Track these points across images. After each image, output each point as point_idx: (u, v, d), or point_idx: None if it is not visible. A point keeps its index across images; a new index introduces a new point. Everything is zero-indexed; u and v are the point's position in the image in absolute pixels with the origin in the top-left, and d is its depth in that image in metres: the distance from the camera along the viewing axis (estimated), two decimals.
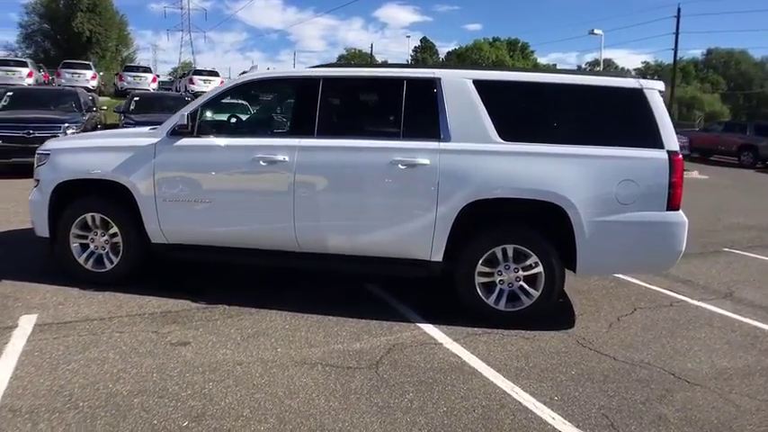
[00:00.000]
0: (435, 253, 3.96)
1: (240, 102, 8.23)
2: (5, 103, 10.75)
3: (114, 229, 4.34)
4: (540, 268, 3.90)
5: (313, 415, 2.76)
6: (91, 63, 27.41)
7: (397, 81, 4.06)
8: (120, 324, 3.73)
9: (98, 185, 4.30)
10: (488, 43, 67.64)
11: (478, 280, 3.96)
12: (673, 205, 3.81)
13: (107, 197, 4.31)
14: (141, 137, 4.32)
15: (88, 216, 4.34)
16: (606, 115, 3.99)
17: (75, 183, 4.32)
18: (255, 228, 4.17)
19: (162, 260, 4.48)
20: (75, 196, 4.35)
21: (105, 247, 4.39)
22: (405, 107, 4.01)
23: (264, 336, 3.67)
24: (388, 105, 4.07)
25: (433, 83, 3.98)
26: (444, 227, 3.89)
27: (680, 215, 3.83)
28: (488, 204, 3.88)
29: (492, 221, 3.96)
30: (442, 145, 3.90)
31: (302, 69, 4.52)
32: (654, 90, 3.86)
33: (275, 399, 2.90)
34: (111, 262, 4.40)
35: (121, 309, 4.00)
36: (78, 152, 4.44)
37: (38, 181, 4.46)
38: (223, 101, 4.49)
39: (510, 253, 3.92)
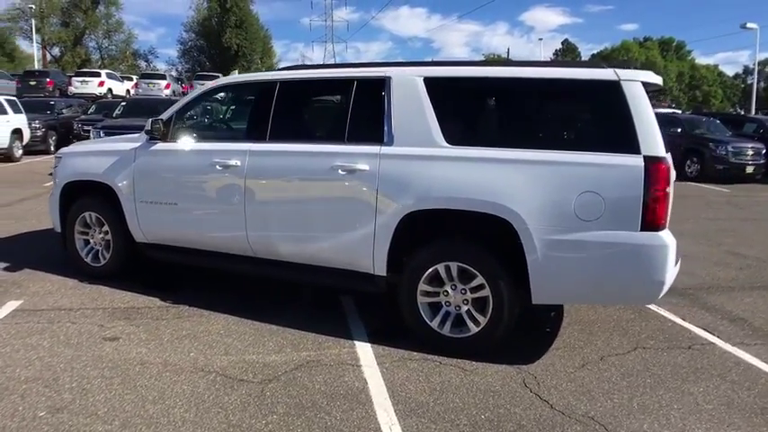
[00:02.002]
0: (378, 266, 3.65)
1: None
2: (119, 112, 12.39)
3: (106, 228, 4.69)
4: (487, 291, 3.39)
5: (158, 423, 2.69)
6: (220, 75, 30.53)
7: (348, 82, 3.83)
8: (79, 316, 4.00)
9: (93, 187, 4.68)
10: (638, 44, 62.11)
11: (421, 299, 3.56)
12: (650, 224, 3.06)
13: (100, 198, 4.67)
14: (128, 142, 4.62)
15: (86, 215, 4.75)
16: (572, 113, 3.36)
17: (77, 184, 4.76)
18: (215, 231, 4.22)
19: (149, 259, 4.74)
20: (78, 196, 4.80)
21: (101, 243, 4.77)
22: (352, 109, 3.78)
23: (192, 339, 3.67)
24: (337, 107, 3.88)
25: (383, 82, 3.68)
26: (384, 238, 3.57)
27: (659, 236, 3.07)
28: (430, 215, 3.47)
29: (436, 235, 3.54)
30: (384, 149, 3.59)
31: (264, 73, 4.48)
32: (635, 82, 3.14)
33: (139, 402, 2.87)
34: (104, 258, 4.76)
35: (94, 302, 4.30)
36: (80, 156, 4.89)
37: (54, 182, 5.01)
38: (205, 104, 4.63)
39: (454, 272, 3.46)
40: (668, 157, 3.15)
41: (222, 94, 4.47)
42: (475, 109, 3.65)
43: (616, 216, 3.09)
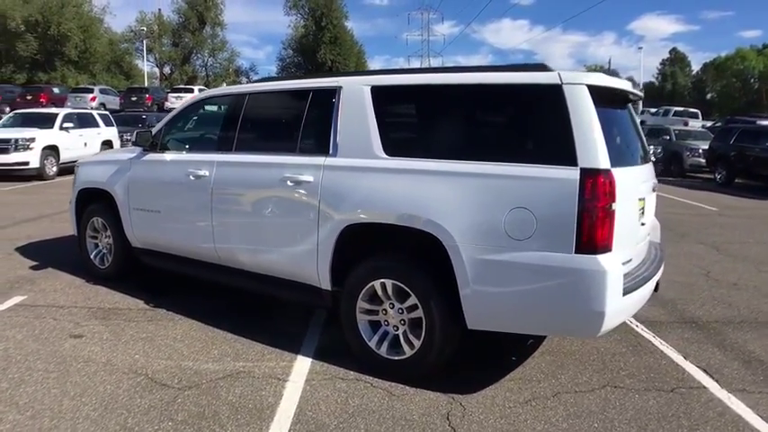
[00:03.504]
0: (323, 280, 3.56)
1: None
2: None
3: (109, 232, 5.03)
4: (420, 312, 3.17)
5: (63, 418, 2.81)
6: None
7: (305, 92, 3.81)
8: (64, 313, 4.30)
9: (99, 194, 5.04)
10: (756, 51, 55.97)
11: (361, 317, 3.41)
12: (586, 245, 2.70)
13: (105, 204, 5.01)
14: (128, 152, 4.92)
15: (95, 220, 5.13)
16: (510, 121, 3.07)
17: (88, 191, 5.16)
18: (189, 239, 4.35)
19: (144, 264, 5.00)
20: (89, 203, 5.19)
21: (107, 247, 5.12)
22: (305, 120, 3.75)
23: (147, 341, 3.80)
24: (294, 118, 3.83)
25: (334, 92, 3.61)
26: (326, 251, 3.48)
27: (596, 261, 2.69)
28: (367, 229, 3.33)
29: (373, 250, 3.38)
30: (328, 161, 3.51)
31: (239, 85, 4.56)
32: (579, 86, 2.80)
33: (59, 397, 3.02)
34: (108, 261, 5.10)
35: (86, 300, 4.61)
36: (91, 165, 5.29)
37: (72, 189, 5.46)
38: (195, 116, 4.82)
39: (390, 289, 3.29)
40: (614, 170, 2.77)
41: (208, 106, 4.60)
42: (412, 118, 3.47)
43: (548, 236, 2.77)
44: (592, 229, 2.68)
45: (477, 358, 3.63)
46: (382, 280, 3.29)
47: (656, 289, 3.40)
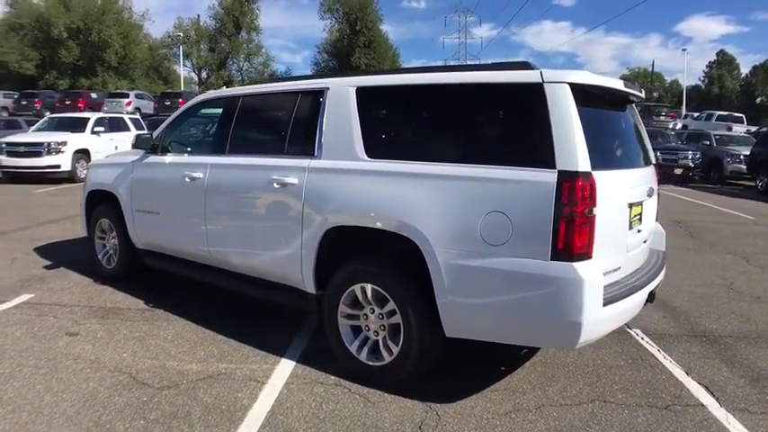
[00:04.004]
0: (307, 283, 3.54)
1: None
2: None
3: (115, 233, 5.14)
4: (398, 318, 3.11)
5: (41, 413, 2.87)
6: None
7: (294, 94, 3.80)
8: (65, 311, 4.41)
9: (106, 196, 5.16)
10: None
11: (342, 321, 3.37)
12: (563, 252, 2.59)
13: (111, 206, 5.13)
14: (133, 155, 5.02)
15: (102, 221, 5.25)
16: (491, 122, 2.97)
17: (96, 193, 5.29)
18: (186, 241, 4.40)
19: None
20: (97, 204, 5.32)
21: (113, 248, 5.24)
22: (293, 121, 3.74)
23: (138, 341, 3.85)
24: (284, 120, 3.82)
25: (322, 94, 3.59)
26: (310, 254, 3.46)
27: (572, 268, 2.57)
28: (349, 232, 3.29)
29: (354, 253, 3.33)
30: (312, 163, 3.49)
31: (235, 88, 4.58)
32: (561, 85, 2.69)
33: (42, 393, 3.08)
34: (114, 261, 5.21)
35: (90, 300, 4.72)
36: (100, 168, 5.41)
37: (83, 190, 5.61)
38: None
39: (369, 294, 3.23)
40: (597, 173, 2.64)
41: (207, 109, 4.65)
42: (393, 119, 3.40)
43: (524, 241, 2.66)
44: (569, 235, 2.56)
45: (464, 366, 3.54)
46: (362, 284, 3.24)
47: (650, 300, 3.22)
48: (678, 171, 16.12)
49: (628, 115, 3.52)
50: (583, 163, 2.59)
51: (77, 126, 13.50)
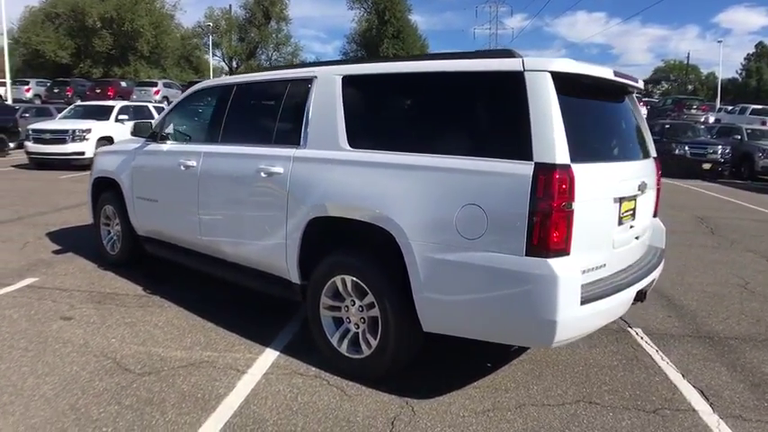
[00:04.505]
0: (292, 273, 3.52)
1: None
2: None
3: (118, 220, 5.22)
4: (376, 311, 3.05)
5: (21, 395, 2.93)
6: None
7: (284, 83, 3.76)
8: (65, 296, 4.50)
9: (110, 183, 5.23)
10: None
11: (324, 313, 3.34)
12: (538, 248, 2.49)
13: (114, 192, 5.20)
14: (135, 143, 5.07)
15: (106, 207, 5.34)
16: (471, 112, 2.86)
17: (102, 179, 5.37)
18: (181, 228, 4.43)
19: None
20: (102, 191, 5.40)
21: (117, 234, 5.32)
22: (282, 110, 3.71)
23: (128, 326, 3.90)
24: (273, 109, 3.78)
25: (310, 82, 3.53)
26: (293, 245, 3.43)
27: (547, 265, 2.47)
28: (330, 223, 3.24)
29: (335, 245, 3.29)
30: (297, 152, 3.45)
31: (230, 76, 4.55)
32: (542, 73, 2.57)
33: (26, 375, 3.15)
34: (117, 247, 5.30)
35: (90, 285, 4.80)
36: (106, 155, 5.49)
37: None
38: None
39: (349, 286, 3.19)
40: (579, 166, 2.53)
41: (205, 97, 4.64)
42: (374, 109, 3.31)
43: (499, 235, 2.57)
44: (544, 230, 2.46)
45: (450, 361, 3.47)
46: (343, 276, 3.19)
47: (641, 299, 3.08)
48: (707, 166, 15.54)
49: (624, 106, 3.37)
50: (561, 155, 2.47)
51: (102, 114, 13.80)
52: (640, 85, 3.30)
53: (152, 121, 4.83)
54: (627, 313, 4.37)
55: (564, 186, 2.47)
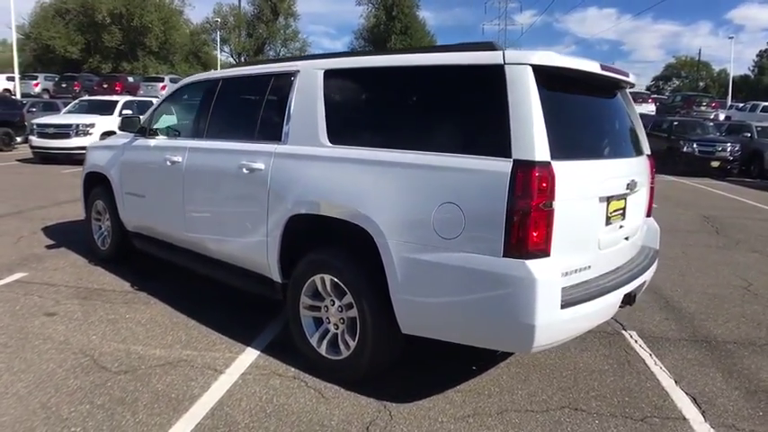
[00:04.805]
0: (273, 271, 3.44)
1: None
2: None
3: (108, 215, 5.18)
4: (355, 311, 2.97)
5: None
6: None
7: (268, 77, 3.68)
8: (52, 291, 4.46)
9: (100, 178, 5.19)
10: None
11: (305, 312, 3.26)
12: (516, 248, 2.39)
13: (105, 188, 5.16)
14: (125, 138, 5.02)
15: (97, 202, 5.30)
16: (450, 106, 2.75)
17: (93, 175, 5.33)
18: (167, 224, 4.37)
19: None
20: (94, 186, 5.36)
21: (107, 229, 5.28)
22: (265, 105, 3.63)
23: (111, 323, 3.85)
24: (256, 104, 3.71)
25: (292, 77, 3.45)
26: (274, 242, 3.36)
27: (525, 266, 2.37)
28: (310, 220, 3.16)
29: (315, 243, 3.21)
30: (279, 148, 3.37)
31: (216, 71, 4.48)
32: (522, 67, 2.46)
33: (2, 371, 3.12)
34: (107, 243, 5.26)
35: (78, 281, 4.77)
36: (96, 150, 5.45)
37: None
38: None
39: (328, 285, 3.11)
40: (561, 164, 2.42)
41: (192, 92, 4.57)
42: (353, 104, 3.22)
43: (476, 235, 2.47)
44: (522, 230, 2.36)
45: (434, 363, 3.38)
46: (322, 275, 3.12)
47: (629, 302, 2.97)
48: (715, 164, 15.26)
49: (615, 102, 3.25)
50: (540, 152, 2.37)
51: (106, 109, 13.83)
52: (631, 79, 3.18)
53: (140, 116, 4.77)
54: (622, 316, 4.31)
55: (544, 185, 2.36)
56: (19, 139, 15.88)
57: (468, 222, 2.48)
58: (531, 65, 2.46)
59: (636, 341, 3.93)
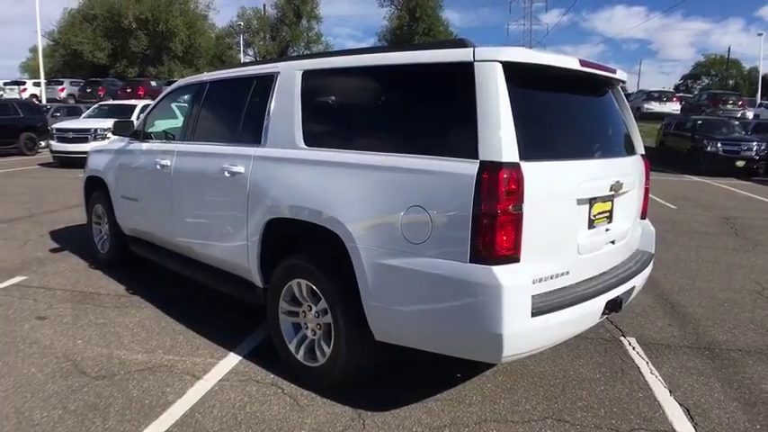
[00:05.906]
0: (254, 276, 3.40)
1: None
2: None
3: (107, 219, 5.23)
4: (329, 317, 2.90)
5: None
6: None
7: (250, 79, 3.64)
8: (47, 295, 4.51)
9: (99, 181, 5.23)
10: None
11: (283, 318, 3.21)
12: (482, 254, 2.28)
13: (103, 191, 5.20)
14: (121, 141, 5.05)
15: (97, 206, 5.35)
16: (421, 106, 2.65)
17: (92, 179, 5.38)
18: (158, 227, 4.38)
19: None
20: (94, 190, 5.42)
21: (107, 233, 5.33)
22: (247, 108, 3.59)
23: (99, 327, 3.87)
24: (239, 106, 3.67)
25: (272, 78, 3.40)
26: (254, 246, 3.31)
27: (491, 273, 2.26)
28: (286, 224, 3.11)
29: (294, 247, 3.15)
30: (258, 151, 3.33)
31: (204, 74, 4.45)
32: (491, 64, 2.36)
33: None
34: (107, 247, 5.31)
35: (75, 284, 4.81)
36: (96, 154, 5.49)
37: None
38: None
39: (305, 291, 3.05)
40: (533, 164, 2.31)
41: (183, 95, 4.57)
42: (327, 105, 3.15)
43: (443, 240, 2.38)
44: (489, 234, 2.26)
45: (417, 370, 3.29)
46: (298, 280, 3.06)
47: (615, 309, 2.83)
48: (740, 163, 14.71)
49: (604, 100, 3.11)
50: (508, 152, 2.26)
51: (125, 113, 14.01)
52: (620, 76, 3.04)
53: (133, 120, 4.79)
54: (623, 321, 4.15)
55: (512, 187, 2.26)
56: (42, 144, 16.29)
57: (434, 227, 2.39)
58: (500, 62, 2.35)
59: (633, 348, 3.77)
